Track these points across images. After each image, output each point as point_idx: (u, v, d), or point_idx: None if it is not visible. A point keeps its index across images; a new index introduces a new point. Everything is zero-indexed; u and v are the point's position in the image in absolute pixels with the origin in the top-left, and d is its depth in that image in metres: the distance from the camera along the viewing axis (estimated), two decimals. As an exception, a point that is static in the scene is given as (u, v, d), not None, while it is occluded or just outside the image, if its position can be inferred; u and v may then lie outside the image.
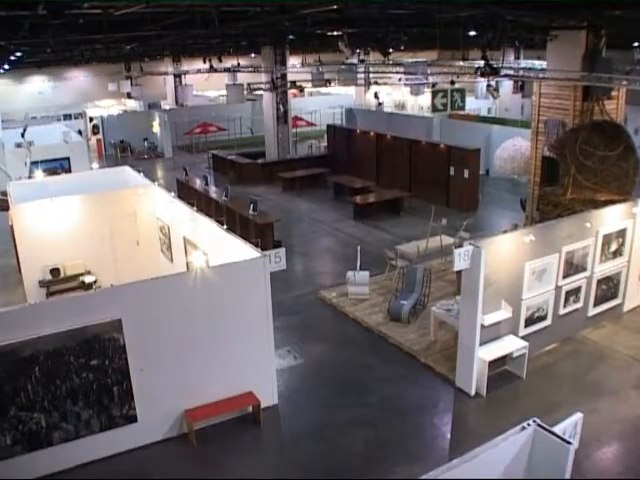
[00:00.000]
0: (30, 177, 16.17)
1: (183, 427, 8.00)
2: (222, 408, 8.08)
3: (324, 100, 36.53)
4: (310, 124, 31.74)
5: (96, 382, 7.31)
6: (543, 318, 9.50)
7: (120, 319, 7.24)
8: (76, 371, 7.16)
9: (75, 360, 7.12)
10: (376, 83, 25.93)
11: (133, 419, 7.66)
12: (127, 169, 14.47)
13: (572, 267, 9.62)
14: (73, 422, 7.31)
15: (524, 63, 25.22)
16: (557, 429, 4.46)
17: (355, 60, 24.97)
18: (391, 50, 14.79)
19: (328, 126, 26.05)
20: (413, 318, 10.78)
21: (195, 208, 10.75)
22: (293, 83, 24.16)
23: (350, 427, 8.10)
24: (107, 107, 38.84)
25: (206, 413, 7.95)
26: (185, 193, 18.81)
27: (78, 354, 7.11)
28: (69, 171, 19.40)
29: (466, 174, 18.02)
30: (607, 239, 10.02)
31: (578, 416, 4.72)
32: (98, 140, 31.11)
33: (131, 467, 7.43)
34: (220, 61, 24.49)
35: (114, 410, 7.53)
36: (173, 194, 12.13)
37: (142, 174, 13.51)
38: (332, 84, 24.66)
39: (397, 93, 36.01)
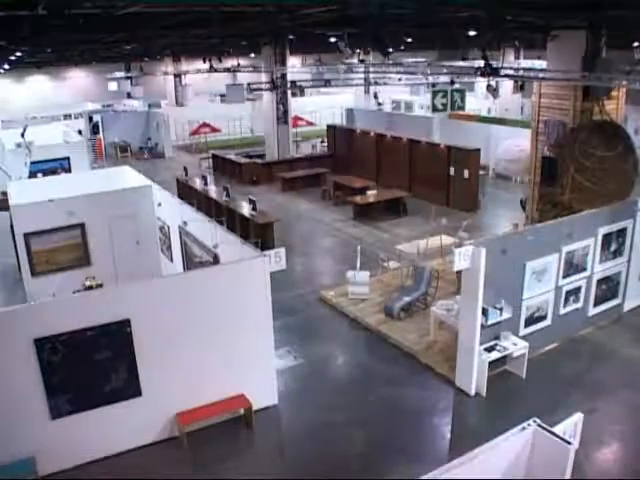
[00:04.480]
0: (30, 177, 16.15)
1: (175, 430, 7.91)
2: (213, 411, 7.98)
3: (324, 100, 36.53)
4: (310, 124, 31.74)
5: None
6: (543, 318, 9.51)
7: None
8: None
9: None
10: (376, 83, 25.91)
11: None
12: (127, 169, 14.46)
13: (572, 267, 9.62)
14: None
15: (524, 63, 25.23)
16: (557, 429, 4.47)
17: (355, 60, 24.94)
18: (391, 50, 14.76)
19: (328, 126, 26.01)
20: (405, 315, 10.83)
21: (195, 208, 10.76)
22: (293, 84, 24.09)
23: (350, 427, 8.09)
24: (107, 107, 38.78)
25: (197, 416, 7.87)
26: (185, 193, 18.82)
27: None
28: (69, 171, 19.36)
29: (466, 174, 18.00)
30: (607, 239, 10.02)
31: (578, 416, 4.73)
32: (98, 140, 31.03)
33: (124, 468, 7.36)
34: (220, 61, 24.50)
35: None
36: (173, 194, 12.13)
37: (142, 174, 13.50)
38: (332, 84, 24.61)
39: (397, 93, 35.95)
